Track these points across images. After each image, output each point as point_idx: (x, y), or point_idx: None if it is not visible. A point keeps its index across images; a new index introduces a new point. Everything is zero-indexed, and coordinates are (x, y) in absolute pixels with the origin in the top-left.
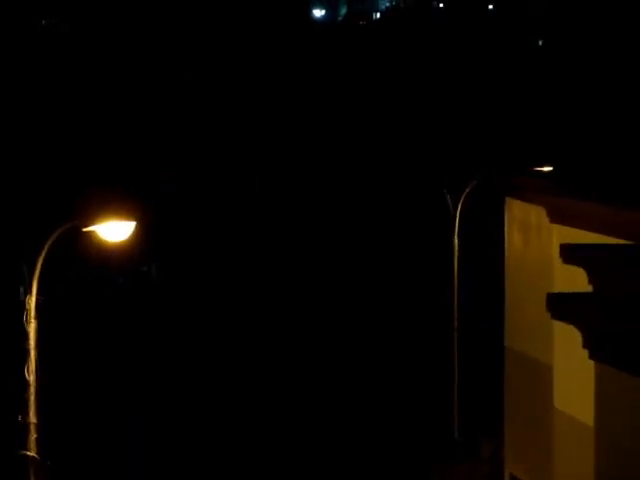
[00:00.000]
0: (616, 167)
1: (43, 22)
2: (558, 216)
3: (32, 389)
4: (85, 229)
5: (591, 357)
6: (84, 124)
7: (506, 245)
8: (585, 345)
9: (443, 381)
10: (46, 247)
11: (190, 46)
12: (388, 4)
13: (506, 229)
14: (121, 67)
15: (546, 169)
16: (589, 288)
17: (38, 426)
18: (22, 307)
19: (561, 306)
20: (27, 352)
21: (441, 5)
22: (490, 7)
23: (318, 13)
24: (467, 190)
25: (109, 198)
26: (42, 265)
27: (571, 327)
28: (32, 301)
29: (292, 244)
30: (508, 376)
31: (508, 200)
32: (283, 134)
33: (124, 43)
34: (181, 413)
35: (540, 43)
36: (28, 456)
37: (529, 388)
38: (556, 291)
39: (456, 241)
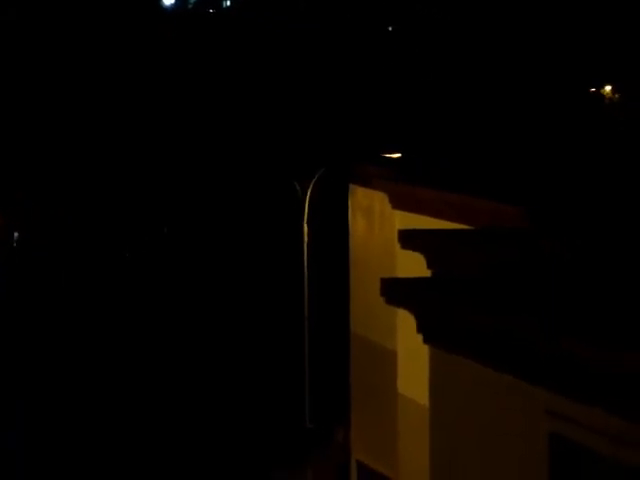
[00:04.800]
0: (453, 153)
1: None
2: (399, 202)
3: None
4: None
5: (425, 341)
6: None
7: (350, 232)
8: (419, 329)
9: (295, 369)
10: None
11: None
12: None
13: (350, 216)
14: None
15: (395, 156)
16: (429, 273)
17: None
18: None
19: (395, 291)
20: None
21: None
22: None
23: (167, 1)
24: (316, 177)
25: None
26: None
27: None
28: None
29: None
30: (354, 362)
31: (352, 187)
32: (129, 120)
33: None
34: None
35: (390, 29)
36: None
37: (374, 374)
38: (399, 277)
39: (305, 228)
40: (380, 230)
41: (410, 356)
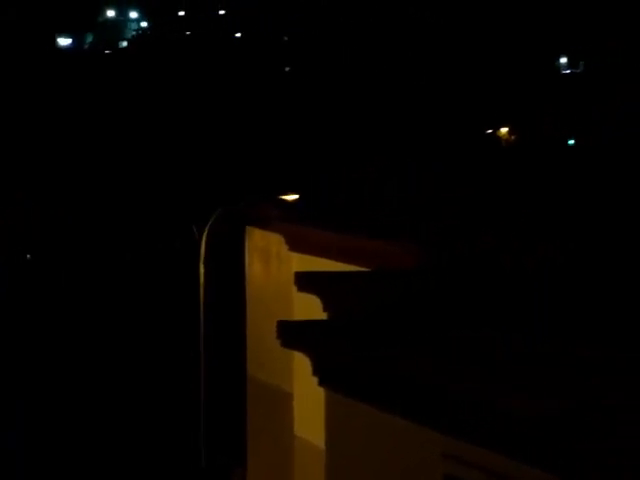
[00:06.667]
0: (352, 196)
1: None
2: (296, 244)
3: None
4: None
5: (320, 384)
6: None
7: (247, 274)
8: (315, 372)
9: (191, 409)
10: None
11: None
12: (134, 33)
13: (246, 259)
14: None
15: (291, 198)
16: (325, 316)
17: None
18: None
19: (290, 333)
20: None
21: (188, 33)
22: (238, 35)
23: (64, 42)
24: (213, 218)
25: None
26: None
27: None
28: None
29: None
30: (250, 403)
31: (249, 229)
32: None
33: None
34: None
35: (287, 69)
36: None
37: (271, 415)
38: (295, 319)
39: (202, 269)
40: (277, 272)
41: (307, 398)
